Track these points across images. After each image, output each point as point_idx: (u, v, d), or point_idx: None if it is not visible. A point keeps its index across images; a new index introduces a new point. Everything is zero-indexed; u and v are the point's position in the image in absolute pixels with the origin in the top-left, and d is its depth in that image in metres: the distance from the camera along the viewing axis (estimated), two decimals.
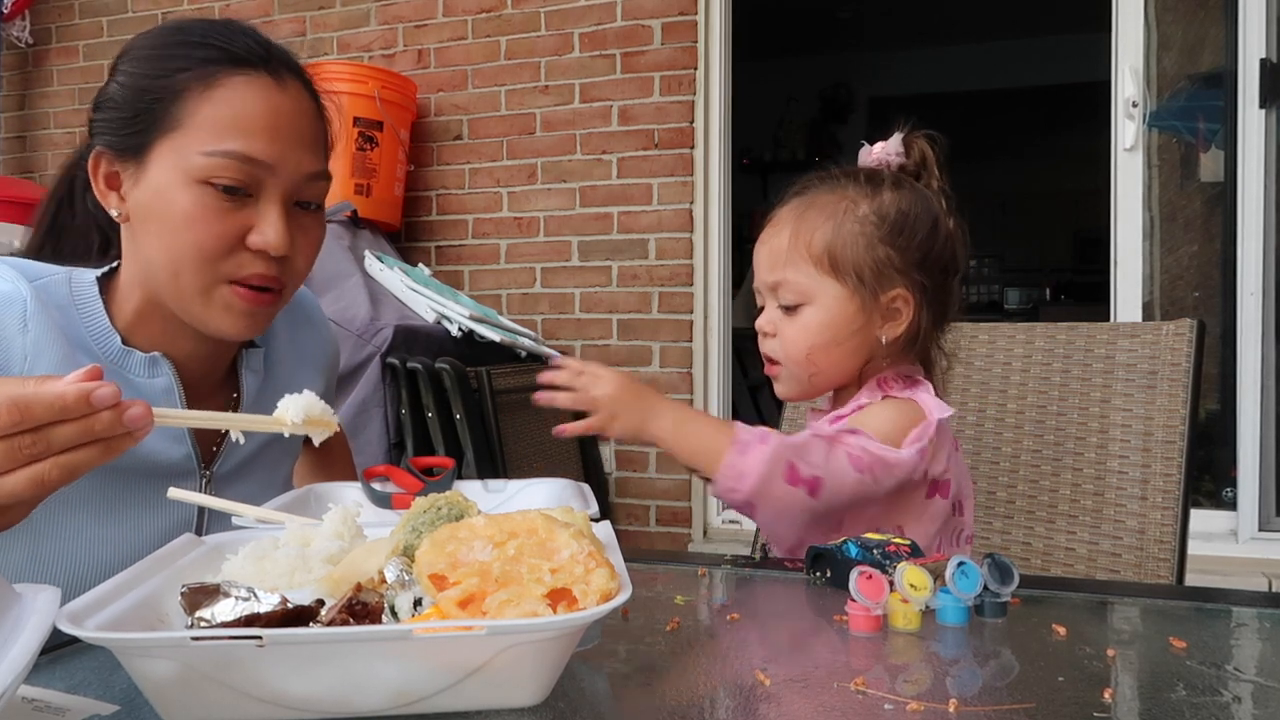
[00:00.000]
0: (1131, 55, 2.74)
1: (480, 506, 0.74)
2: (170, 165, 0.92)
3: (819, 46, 6.29)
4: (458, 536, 0.61)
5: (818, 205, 1.11)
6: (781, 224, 1.12)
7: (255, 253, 0.94)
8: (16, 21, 3.86)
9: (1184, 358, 1.30)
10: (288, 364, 1.16)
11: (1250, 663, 0.71)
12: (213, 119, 0.92)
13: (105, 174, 0.97)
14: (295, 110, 0.97)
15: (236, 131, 0.92)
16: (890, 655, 0.70)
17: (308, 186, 0.98)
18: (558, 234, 3.30)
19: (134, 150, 0.94)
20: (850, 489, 1.01)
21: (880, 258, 1.08)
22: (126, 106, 0.95)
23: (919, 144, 1.16)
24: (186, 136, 0.92)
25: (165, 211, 0.92)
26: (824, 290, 1.09)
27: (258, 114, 0.93)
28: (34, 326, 0.92)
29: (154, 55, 0.96)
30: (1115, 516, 1.31)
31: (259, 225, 0.94)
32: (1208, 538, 2.61)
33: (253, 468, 1.11)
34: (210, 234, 0.92)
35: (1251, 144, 2.61)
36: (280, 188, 0.95)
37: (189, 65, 0.93)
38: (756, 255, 1.16)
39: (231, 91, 0.93)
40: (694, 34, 3.13)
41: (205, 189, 0.92)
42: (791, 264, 1.09)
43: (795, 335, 1.11)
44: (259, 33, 1.00)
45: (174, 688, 0.54)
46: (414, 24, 3.48)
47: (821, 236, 1.08)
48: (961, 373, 1.46)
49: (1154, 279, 2.78)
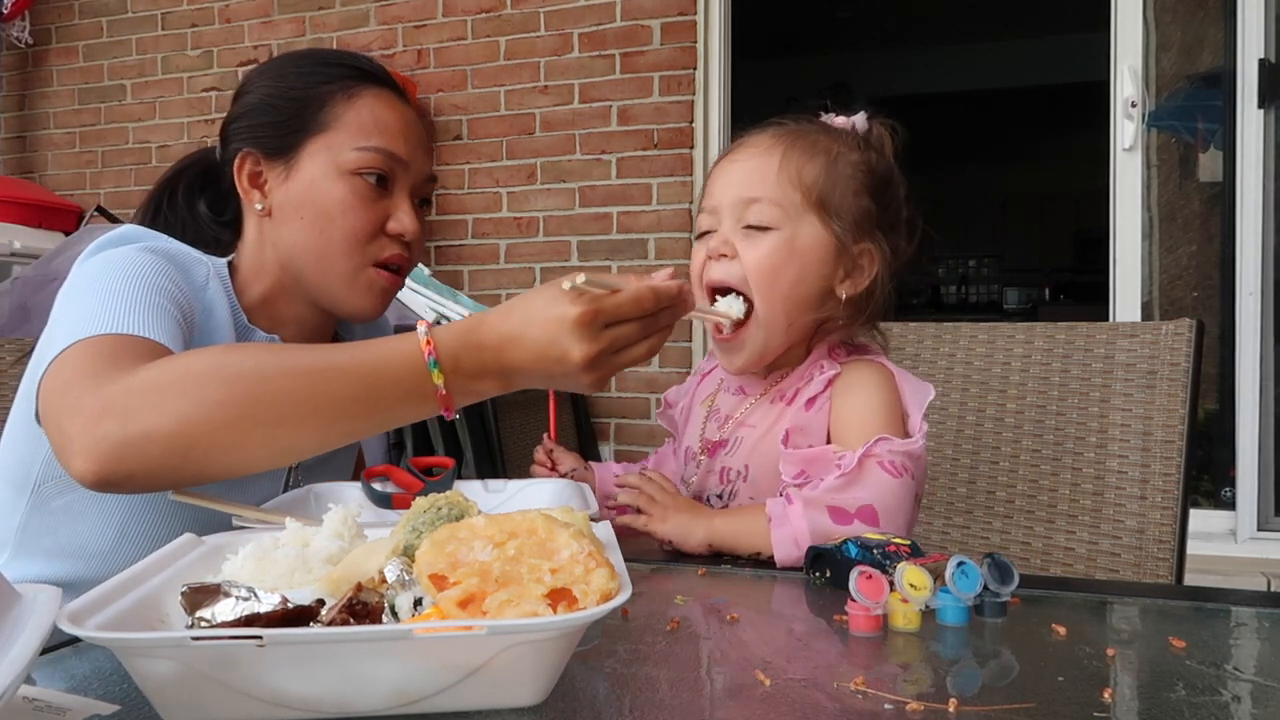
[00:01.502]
0: (1131, 55, 2.74)
1: (480, 506, 0.74)
2: (323, 161, 1.06)
3: (819, 46, 6.29)
4: (458, 536, 0.61)
5: (807, 139, 1.08)
6: (765, 147, 1.08)
7: (392, 238, 1.08)
8: (16, 22, 3.86)
9: (1183, 358, 1.30)
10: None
11: (1250, 662, 0.71)
12: (358, 121, 1.07)
13: (250, 173, 1.09)
14: (416, 121, 1.13)
15: (378, 132, 1.07)
16: (890, 655, 0.70)
17: (425, 185, 1.13)
18: (557, 234, 3.30)
19: (283, 150, 1.07)
20: (901, 496, 1.00)
21: (863, 208, 1.06)
22: (275, 113, 1.08)
23: (879, 128, 1.13)
24: (338, 135, 1.06)
25: (321, 200, 1.05)
26: (803, 222, 1.05)
27: (393, 119, 1.09)
28: (211, 288, 1.05)
29: (297, 71, 1.10)
30: (1115, 516, 1.31)
31: (395, 214, 1.08)
32: (1207, 537, 2.62)
33: (334, 451, 1.14)
34: (362, 219, 1.06)
35: (1250, 144, 2.61)
36: (409, 183, 1.09)
37: (330, 79, 1.08)
38: (721, 173, 1.10)
39: (371, 100, 1.08)
40: (694, 34, 3.13)
41: (356, 180, 1.05)
42: (777, 185, 1.05)
43: (758, 255, 1.04)
44: (380, 63, 1.16)
45: (174, 687, 0.55)
46: (414, 24, 3.48)
47: (813, 169, 1.05)
48: (961, 373, 1.46)
49: (1153, 279, 2.78)
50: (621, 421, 3.17)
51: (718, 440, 1.14)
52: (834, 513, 0.98)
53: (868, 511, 0.98)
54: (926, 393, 1.07)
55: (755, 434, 1.10)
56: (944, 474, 1.44)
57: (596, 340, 0.82)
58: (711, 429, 1.16)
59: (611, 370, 0.85)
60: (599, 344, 0.82)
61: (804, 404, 1.07)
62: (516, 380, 0.87)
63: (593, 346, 0.82)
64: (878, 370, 1.09)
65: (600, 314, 0.82)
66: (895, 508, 1.00)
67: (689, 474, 1.16)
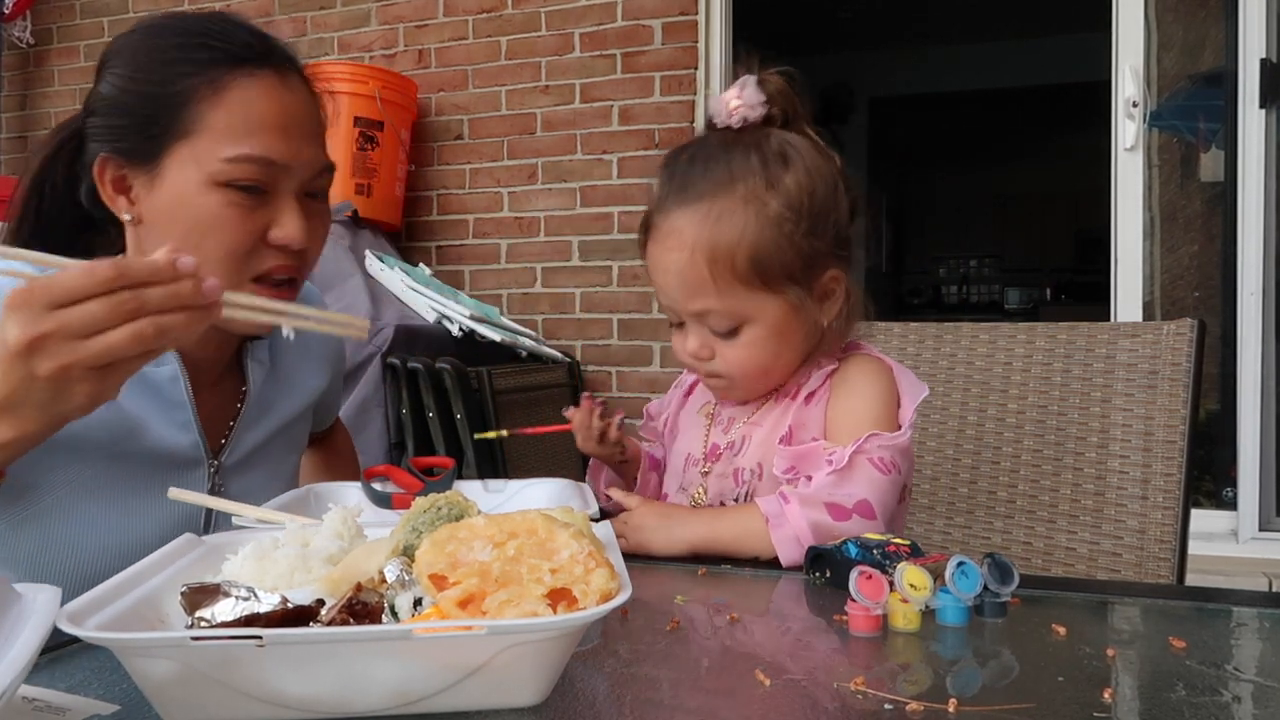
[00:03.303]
0: (1132, 55, 2.74)
1: (480, 506, 0.74)
2: (190, 172, 0.93)
3: (819, 46, 6.29)
4: (458, 536, 0.61)
5: (722, 212, 0.99)
6: (686, 240, 1.01)
7: (275, 248, 0.97)
8: (17, 21, 3.86)
9: (1184, 358, 1.30)
10: (292, 354, 1.17)
11: (1250, 663, 0.71)
12: (227, 124, 0.93)
13: (113, 179, 0.96)
14: (301, 107, 0.99)
15: (252, 135, 0.93)
16: (890, 655, 0.70)
17: (317, 179, 1.01)
18: (558, 234, 3.30)
19: (145, 156, 0.94)
20: (891, 491, 1.01)
21: (806, 252, 1.01)
22: (131, 112, 0.95)
23: (775, 84, 1.03)
24: (203, 142, 0.93)
25: (189, 215, 0.93)
26: (761, 307, 1.01)
27: (269, 115, 0.95)
28: None
29: (153, 59, 0.95)
30: (1115, 516, 1.31)
31: (278, 220, 0.96)
32: (1208, 538, 2.61)
33: (260, 459, 1.11)
34: (237, 234, 0.94)
35: (1251, 144, 2.61)
36: (294, 183, 0.97)
37: (192, 69, 0.94)
38: (659, 270, 1.04)
39: (241, 93, 0.94)
40: (694, 34, 3.13)
41: (227, 191, 0.93)
42: (716, 290, 1.00)
43: (741, 355, 1.04)
44: (254, 25, 1.00)
45: (174, 687, 0.55)
46: (414, 24, 3.48)
47: (744, 252, 0.98)
48: (962, 373, 1.46)
49: (1154, 279, 2.78)
50: None
51: (727, 444, 1.14)
52: (832, 509, 0.98)
53: (864, 507, 0.99)
54: (921, 390, 1.08)
55: (763, 432, 1.11)
56: (944, 474, 1.44)
57: (38, 322, 0.69)
58: (717, 434, 1.16)
59: (78, 361, 0.70)
60: (42, 326, 0.69)
61: (804, 399, 1.08)
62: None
63: (31, 329, 0.68)
64: (874, 365, 1.09)
65: (40, 291, 0.69)
66: (887, 504, 1.01)
67: (688, 481, 1.16)
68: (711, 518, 1.04)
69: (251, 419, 1.10)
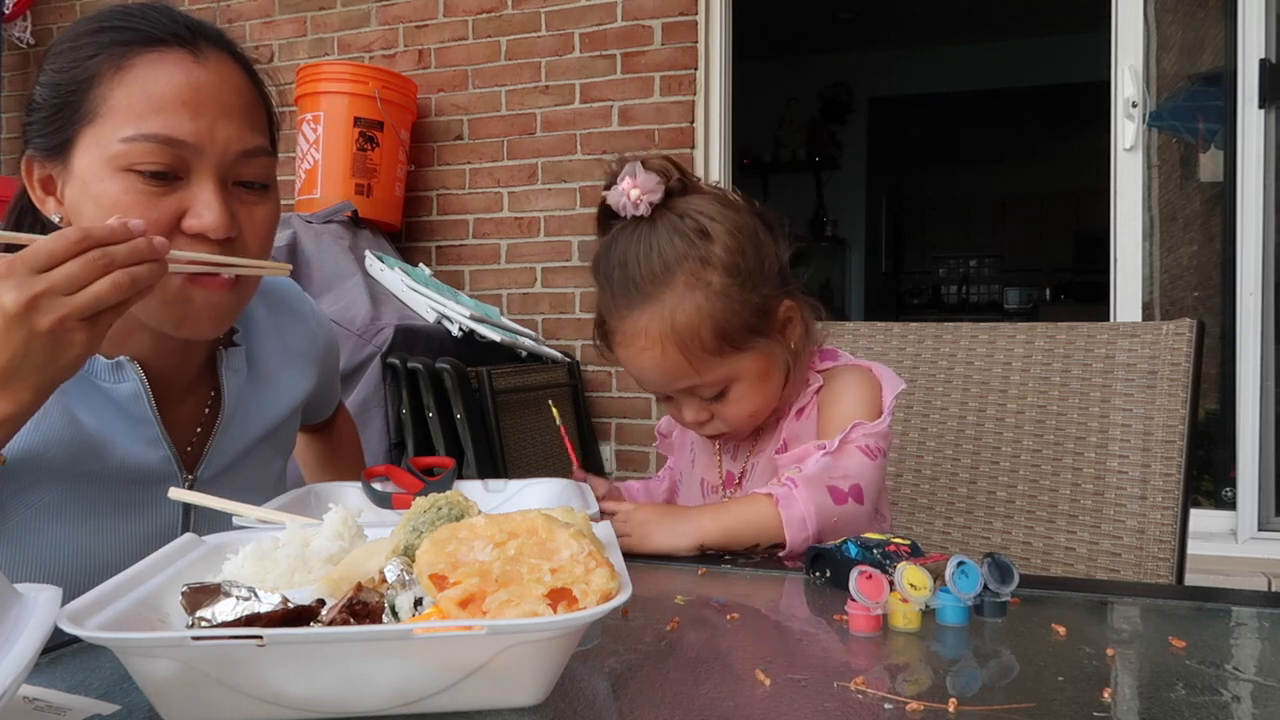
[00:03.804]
0: (1131, 55, 2.74)
1: (480, 506, 0.74)
2: (93, 157, 0.88)
3: (819, 46, 6.30)
4: (458, 536, 0.61)
5: (675, 303, 1.05)
6: (653, 337, 1.06)
7: (194, 237, 0.90)
8: (18, 22, 3.86)
9: (1184, 358, 1.30)
10: (275, 359, 1.13)
11: (1250, 662, 0.71)
12: (127, 103, 0.87)
13: (40, 179, 0.93)
14: (218, 84, 0.91)
15: (153, 112, 0.87)
16: (890, 655, 0.70)
17: (244, 164, 0.93)
18: (558, 234, 3.30)
19: (59, 149, 0.90)
20: (878, 476, 1.08)
21: (758, 304, 1.08)
22: (45, 104, 0.91)
23: (656, 161, 1.08)
24: (105, 124, 0.88)
25: (92, 206, 0.88)
26: (738, 366, 1.09)
27: (174, 90, 0.88)
28: None
29: (70, 48, 0.91)
30: (1115, 516, 1.31)
31: (193, 208, 0.89)
32: (1207, 537, 2.62)
33: (241, 468, 1.08)
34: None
35: (1251, 144, 2.61)
36: (211, 167, 0.90)
37: (99, 50, 0.89)
38: (636, 368, 1.11)
39: (145, 70, 0.88)
40: (694, 34, 3.13)
41: (129, 176, 0.87)
42: (695, 369, 1.07)
43: (735, 410, 1.12)
44: (181, 12, 0.94)
45: (175, 688, 0.55)
46: (414, 24, 3.49)
47: (707, 329, 1.05)
48: (962, 373, 1.46)
49: (1154, 279, 2.78)
50: (622, 421, 3.17)
51: (740, 470, 1.20)
52: (833, 492, 1.03)
53: (856, 490, 1.05)
54: (898, 383, 1.14)
55: (767, 456, 1.17)
56: (944, 474, 1.44)
57: (29, 285, 0.73)
58: (728, 460, 1.22)
59: (72, 312, 0.75)
60: (34, 288, 0.73)
61: (794, 414, 1.15)
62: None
63: (26, 291, 0.73)
64: (856, 372, 1.16)
65: (21, 261, 0.74)
66: (875, 487, 1.08)
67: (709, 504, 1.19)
68: (716, 510, 1.06)
69: (230, 428, 1.06)
